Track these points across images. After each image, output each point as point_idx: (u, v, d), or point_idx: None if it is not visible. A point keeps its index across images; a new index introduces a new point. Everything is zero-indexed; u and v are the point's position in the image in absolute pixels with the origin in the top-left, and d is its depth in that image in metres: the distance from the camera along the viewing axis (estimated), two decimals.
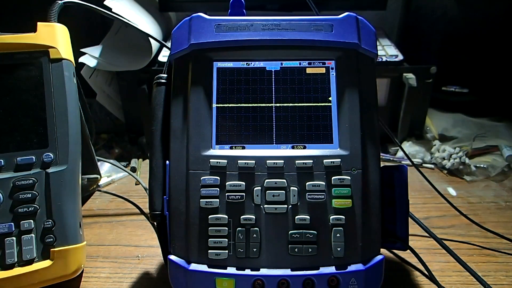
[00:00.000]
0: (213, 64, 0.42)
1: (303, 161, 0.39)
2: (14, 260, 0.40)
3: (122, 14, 0.60)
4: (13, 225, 0.40)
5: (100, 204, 0.60)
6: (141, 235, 0.53)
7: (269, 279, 0.37)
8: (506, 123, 0.77)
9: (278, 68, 0.42)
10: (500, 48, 0.85)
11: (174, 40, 0.42)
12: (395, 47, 0.74)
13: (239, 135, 0.41)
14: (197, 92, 0.41)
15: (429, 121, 0.77)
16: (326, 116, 0.41)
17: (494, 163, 0.67)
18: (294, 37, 0.41)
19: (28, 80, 0.43)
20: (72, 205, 0.43)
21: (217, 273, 0.38)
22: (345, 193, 0.39)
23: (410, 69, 0.69)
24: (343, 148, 0.40)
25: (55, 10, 0.45)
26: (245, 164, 0.39)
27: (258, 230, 0.39)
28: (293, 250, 0.38)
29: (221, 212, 0.39)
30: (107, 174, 0.66)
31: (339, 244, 0.38)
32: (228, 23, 0.41)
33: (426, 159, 0.71)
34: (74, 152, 0.43)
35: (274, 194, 0.39)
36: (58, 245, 0.41)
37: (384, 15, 0.83)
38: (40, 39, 0.43)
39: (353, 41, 0.41)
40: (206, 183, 0.39)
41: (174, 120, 0.41)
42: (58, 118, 0.43)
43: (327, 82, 0.41)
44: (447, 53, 0.86)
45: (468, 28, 0.85)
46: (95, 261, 0.48)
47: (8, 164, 0.41)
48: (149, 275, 0.46)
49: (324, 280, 0.38)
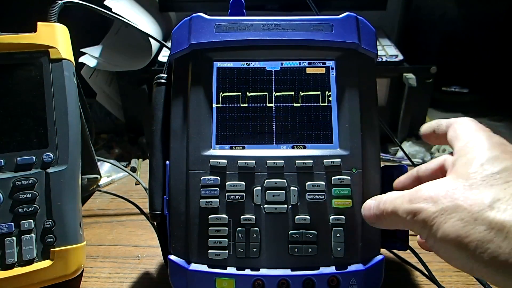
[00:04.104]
0: (213, 64, 0.42)
1: (303, 161, 0.39)
2: (14, 260, 0.40)
3: (122, 14, 0.60)
4: (13, 225, 0.40)
5: (100, 204, 0.60)
6: (141, 235, 0.53)
7: (269, 279, 0.37)
8: (506, 123, 0.77)
9: (278, 68, 0.42)
10: (500, 48, 0.85)
11: (174, 40, 0.42)
12: (395, 47, 0.74)
13: (239, 135, 0.41)
14: (197, 92, 0.41)
15: (429, 121, 0.77)
16: (326, 116, 0.41)
17: None
18: (294, 37, 0.41)
19: (28, 80, 0.43)
20: (72, 205, 0.43)
21: (217, 273, 0.38)
22: (345, 193, 0.39)
23: (410, 69, 0.69)
24: (343, 148, 0.40)
25: (55, 10, 0.45)
26: (245, 164, 0.39)
27: (258, 230, 0.39)
28: (293, 250, 0.38)
29: (221, 212, 0.39)
30: (107, 174, 0.66)
31: (339, 244, 0.38)
32: (228, 23, 0.41)
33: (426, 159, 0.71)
34: (74, 152, 0.43)
35: (274, 194, 0.39)
36: (58, 245, 0.41)
37: (384, 15, 0.83)
38: (40, 39, 0.43)
39: (353, 41, 0.41)
40: (206, 183, 0.39)
41: (174, 120, 0.41)
42: (58, 118, 0.43)
43: (327, 82, 0.41)
44: (447, 53, 0.86)
45: (468, 28, 0.85)
46: (95, 261, 0.48)
47: (8, 164, 0.41)
48: (149, 275, 0.46)
49: (324, 280, 0.38)
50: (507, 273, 0.22)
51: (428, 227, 0.26)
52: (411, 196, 0.28)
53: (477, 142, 0.28)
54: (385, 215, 0.30)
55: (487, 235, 0.23)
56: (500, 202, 0.24)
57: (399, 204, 0.28)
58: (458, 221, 0.24)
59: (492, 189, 0.25)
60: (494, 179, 0.25)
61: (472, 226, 0.24)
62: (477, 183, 0.25)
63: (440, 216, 0.25)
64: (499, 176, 0.25)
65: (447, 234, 0.25)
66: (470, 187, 0.25)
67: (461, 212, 0.24)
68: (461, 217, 0.24)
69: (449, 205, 0.25)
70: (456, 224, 0.24)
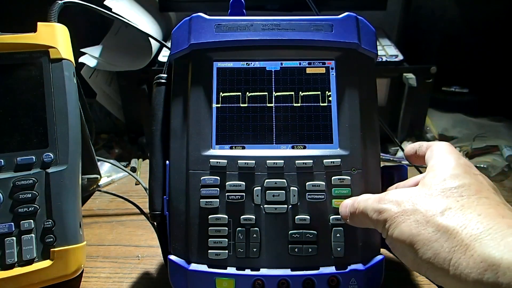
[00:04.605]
0: (213, 64, 0.42)
1: (303, 161, 0.39)
2: (14, 260, 0.40)
3: (122, 14, 0.60)
4: (13, 225, 0.40)
5: (100, 204, 0.60)
6: (141, 235, 0.53)
7: (269, 279, 0.37)
8: (506, 123, 0.77)
9: (278, 68, 0.42)
10: (500, 48, 0.85)
11: (174, 40, 0.42)
12: (395, 47, 0.74)
13: (239, 135, 0.41)
14: (197, 92, 0.41)
15: (429, 121, 0.77)
16: (326, 116, 0.41)
17: (494, 163, 0.67)
18: (294, 37, 0.41)
19: (28, 80, 0.43)
20: (72, 205, 0.43)
21: (217, 273, 0.38)
22: (345, 193, 0.39)
23: (410, 69, 0.69)
24: (343, 148, 0.40)
25: (55, 10, 0.45)
26: (245, 164, 0.39)
27: (258, 230, 0.39)
28: (293, 250, 0.38)
29: (221, 212, 0.39)
30: (107, 174, 0.66)
31: (339, 244, 0.38)
32: (228, 23, 0.41)
33: None
34: (74, 152, 0.43)
35: (274, 194, 0.39)
36: (58, 245, 0.41)
37: (384, 15, 0.83)
38: (40, 39, 0.43)
39: (353, 41, 0.41)
40: (206, 183, 0.39)
41: (174, 120, 0.41)
42: (58, 118, 0.43)
43: (327, 82, 0.41)
44: (447, 53, 0.86)
45: (468, 28, 0.85)
46: (95, 261, 0.48)
47: (8, 164, 0.41)
48: (149, 275, 0.46)
49: (324, 280, 0.38)
50: (445, 270, 0.26)
51: (388, 225, 0.30)
52: (380, 198, 0.32)
53: (446, 161, 0.32)
54: (357, 213, 0.34)
55: (434, 235, 0.27)
56: (450, 211, 0.28)
57: (370, 203, 0.33)
58: (414, 222, 0.28)
59: (447, 200, 0.29)
60: (451, 192, 0.29)
61: (424, 227, 0.28)
62: (436, 193, 0.30)
63: (400, 216, 0.29)
64: (456, 190, 0.29)
65: (402, 232, 0.29)
66: (430, 196, 0.30)
67: (417, 215, 0.29)
68: (416, 219, 0.28)
69: (409, 208, 0.29)
70: (411, 224, 0.28)
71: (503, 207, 0.28)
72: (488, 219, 0.26)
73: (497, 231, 0.25)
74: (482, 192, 0.29)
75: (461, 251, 0.25)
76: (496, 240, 0.24)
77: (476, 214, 0.27)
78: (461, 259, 0.25)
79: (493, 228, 0.25)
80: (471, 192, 0.29)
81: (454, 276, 0.25)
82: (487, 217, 0.26)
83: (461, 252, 0.25)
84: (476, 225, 0.26)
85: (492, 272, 0.23)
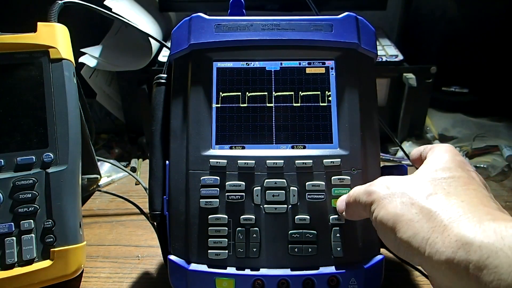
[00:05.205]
0: (213, 64, 0.42)
1: (303, 161, 0.39)
2: (14, 260, 0.40)
3: (122, 14, 0.60)
4: (13, 225, 0.40)
5: (100, 204, 0.60)
6: (141, 235, 0.53)
7: (269, 279, 0.37)
8: (506, 123, 0.76)
9: (278, 68, 0.42)
10: (500, 48, 0.85)
11: (174, 40, 0.42)
12: (395, 47, 0.74)
13: (239, 135, 0.41)
14: (197, 92, 0.41)
15: (429, 121, 0.77)
16: (326, 116, 0.41)
17: (494, 163, 0.67)
18: (294, 37, 0.41)
19: (28, 80, 0.43)
20: (72, 205, 0.43)
21: (217, 273, 0.38)
22: (345, 193, 0.38)
23: (410, 69, 0.69)
24: (343, 148, 0.40)
25: (55, 10, 0.45)
26: (245, 164, 0.39)
27: (258, 230, 0.39)
28: (293, 250, 0.38)
29: (221, 212, 0.39)
30: (107, 174, 0.66)
31: (339, 244, 0.38)
32: (228, 23, 0.41)
33: None
34: (74, 152, 0.43)
35: (274, 194, 0.39)
36: (58, 245, 0.41)
37: (384, 15, 0.83)
38: (40, 39, 0.43)
39: (352, 41, 0.41)
40: (206, 183, 0.39)
41: (174, 120, 0.41)
42: (58, 118, 0.43)
43: (327, 82, 0.42)
44: (447, 53, 0.86)
45: (468, 28, 0.85)
46: (95, 261, 0.48)
47: (8, 164, 0.41)
48: (149, 275, 0.46)
49: (324, 280, 0.38)
50: (422, 249, 0.27)
51: (376, 205, 0.31)
52: (371, 183, 0.34)
53: (441, 156, 0.34)
54: (351, 202, 0.35)
55: (416, 216, 0.28)
56: (436, 195, 0.29)
57: (361, 189, 0.34)
58: (400, 203, 0.30)
59: (434, 187, 0.30)
60: (440, 181, 0.30)
61: (408, 208, 0.29)
62: (425, 180, 0.31)
63: (388, 197, 0.31)
64: (445, 180, 0.30)
65: (388, 212, 0.30)
66: (419, 182, 0.31)
67: (404, 198, 0.30)
68: (402, 201, 0.30)
69: (398, 191, 0.31)
70: (397, 206, 0.30)
71: (488, 199, 0.29)
72: (470, 205, 0.27)
73: (475, 216, 0.26)
74: (470, 185, 0.30)
75: (439, 231, 0.26)
76: (473, 223, 0.25)
77: (459, 200, 0.28)
78: (438, 239, 0.26)
79: (472, 214, 0.26)
80: (460, 183, 0.30)
81: (428, 256, 0.26)
82: (469, 203, 0.28)
83: (438, 232, 0.26)
84: (457, 209, 0.27)
85: (464, 250, 0.24)
